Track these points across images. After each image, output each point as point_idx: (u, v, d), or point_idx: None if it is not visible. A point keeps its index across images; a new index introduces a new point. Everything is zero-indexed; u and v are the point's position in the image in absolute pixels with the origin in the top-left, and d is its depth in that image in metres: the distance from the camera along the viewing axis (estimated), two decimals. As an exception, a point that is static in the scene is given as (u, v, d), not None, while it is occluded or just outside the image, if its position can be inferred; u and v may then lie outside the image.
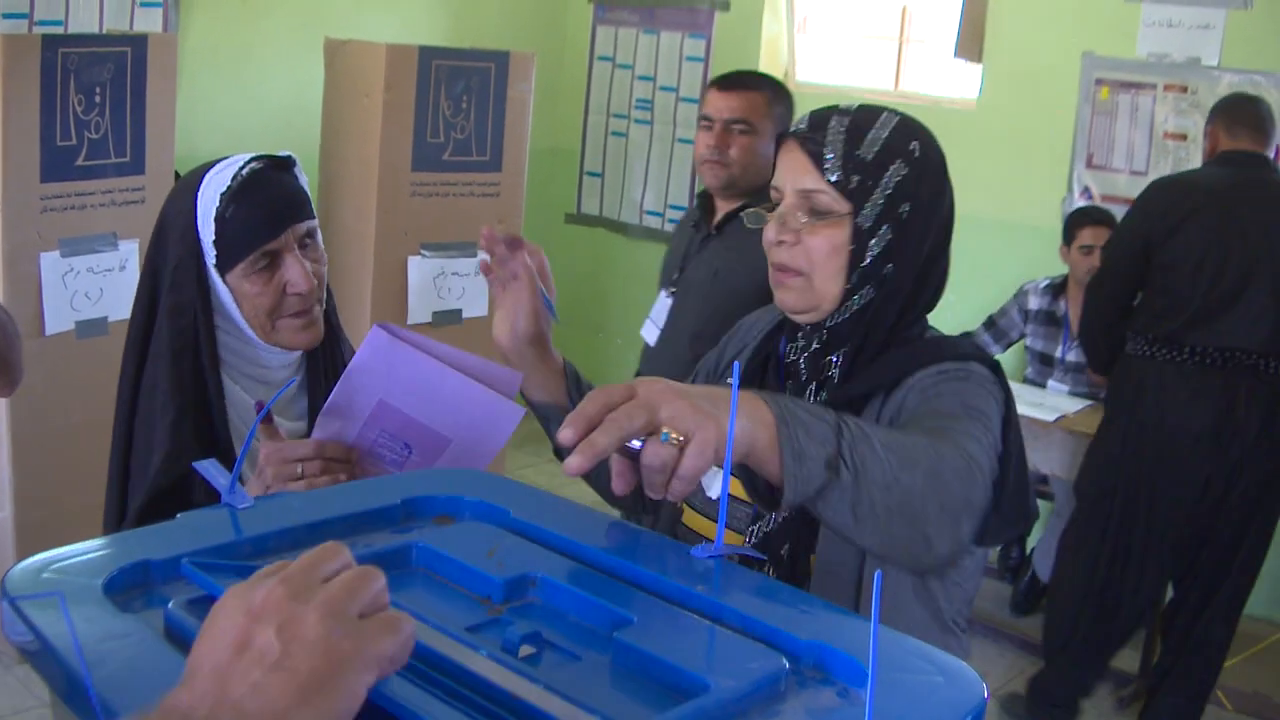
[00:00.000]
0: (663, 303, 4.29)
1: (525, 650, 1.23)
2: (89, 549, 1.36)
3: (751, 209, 2.33)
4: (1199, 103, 6.22)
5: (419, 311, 5.86)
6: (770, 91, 4.29)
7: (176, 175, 5.27)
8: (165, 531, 1.43)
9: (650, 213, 8.19)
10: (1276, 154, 5.12)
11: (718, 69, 7.70)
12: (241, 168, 2.30)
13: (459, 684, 1.13)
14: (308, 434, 2.34)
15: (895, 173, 2.12)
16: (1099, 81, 6.51)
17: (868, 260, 2.13)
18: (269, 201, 2.30)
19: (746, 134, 4.19)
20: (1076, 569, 5.29)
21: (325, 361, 2.47)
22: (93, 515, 2.44)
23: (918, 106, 7.17)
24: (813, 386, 2.22)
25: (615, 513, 2.38)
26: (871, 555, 1.98)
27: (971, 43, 6.96)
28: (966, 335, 6.11)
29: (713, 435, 1.49)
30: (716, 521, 1.85)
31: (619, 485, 1.54)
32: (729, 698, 1.13)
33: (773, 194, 2.22)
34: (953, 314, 6.67)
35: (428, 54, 5.73)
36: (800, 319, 2.22)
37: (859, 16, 7.77)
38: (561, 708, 1.12)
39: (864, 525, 1.68)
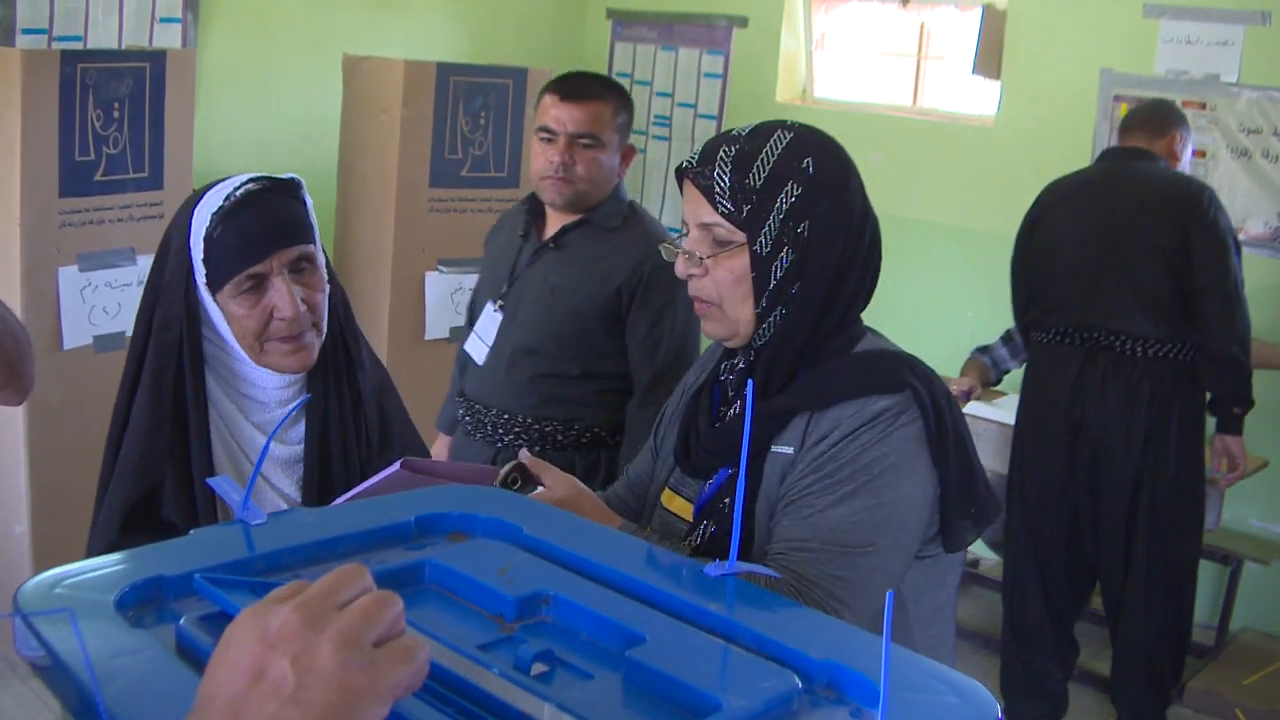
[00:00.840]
0: (490, 317, 4.05)
1: (537, 668, 1.22)
2: (102, 564, 1.36)
3: (664, 244, 2.37)
4: (1218, 119, 6.20)
5: (436, 327, 5.86)
6: (614, 100, 3.96)
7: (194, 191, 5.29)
8: (178, 548, 1.43)
9: (669, 229, 8.18)
10: (1179, 139, 5.19)
11: (736, 86, 7.71)
12: (237, 187, 2.30)
13: (471, 702, 1.13)
14: (303, 459, 2.41)
15: (788, 194, 2.15)
16: (1117, 98, 6.49)
17: (773, 284, 2.17)
18: (258, 225, 2.30)
19: (591, 148, 3.88)
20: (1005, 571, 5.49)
21: (332, 385, 2.45)
22: (111, 530, 2.44)
23: (936, 123, 7.18)
24: (735, 406, 2.29)
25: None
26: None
27: (990, 59, 6.96)
28: (984, 350, 6.07)
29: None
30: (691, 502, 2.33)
31: None
32: (741, 717, 1.13)
33: (683, 227, 2.28)
34: (970, 330, 6.67)
35: (445, 70, 5.74)
36: (727, 344, 2.32)
37: (877, 33, 7.76)
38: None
39: None
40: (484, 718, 1.11)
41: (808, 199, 2.15)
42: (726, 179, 2.16)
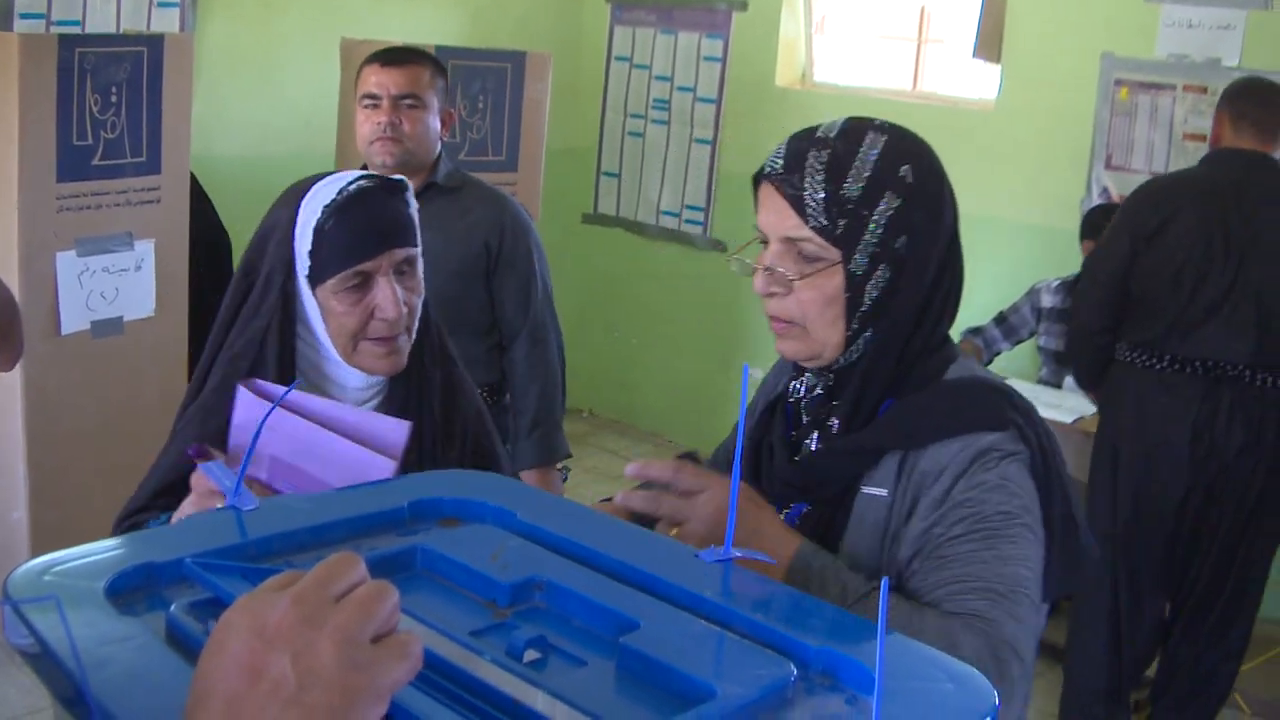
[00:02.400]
0: None
1: (530, 655, 1.22)
2: (92, 551, 1.35)
3: (735, 257, 2.17)
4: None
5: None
6: (431, 65, 4.16)
7: (192, 176, 5.28)
8: (169, 534, 1.43)
9: (667, 213, 8.18)
10: None
11: (736, 69, 7.70)
12: (350, 183, 2.27)
13: (463, 689, 1.12)
14: None
15: (887, 206, 1.96)
16: (1118, 82, 6.48)
17: (866, 305, 1.99)
18: (371, 221, 2.26)
19: (416, 108, 4.06)
20: (1091, 599, 5.06)
21: (411, 391, 2.39)
22: (108, 515, 2.42)
23: (936, 107, 7.16)
24: (815, 434, 2.10)
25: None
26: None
27: (990, 43, 6.94)
28: (975, 331, 6.04)
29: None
30: None
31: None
32: (736, 704, 1.12)
33: (757, 234, 2.08)
34: (969, 312, 6.65)
35: (445, 54, 5.71)
36: (806, 365, 2.10)
37: (877, 17, 7.75)
38: (566, 714, 1.11)
39: None
40: (477, 705, 1.10)
41: (906, 211, 1.97)
42: (820, 189, 1.95)
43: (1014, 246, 6.65)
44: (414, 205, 2.36)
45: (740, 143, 7.82)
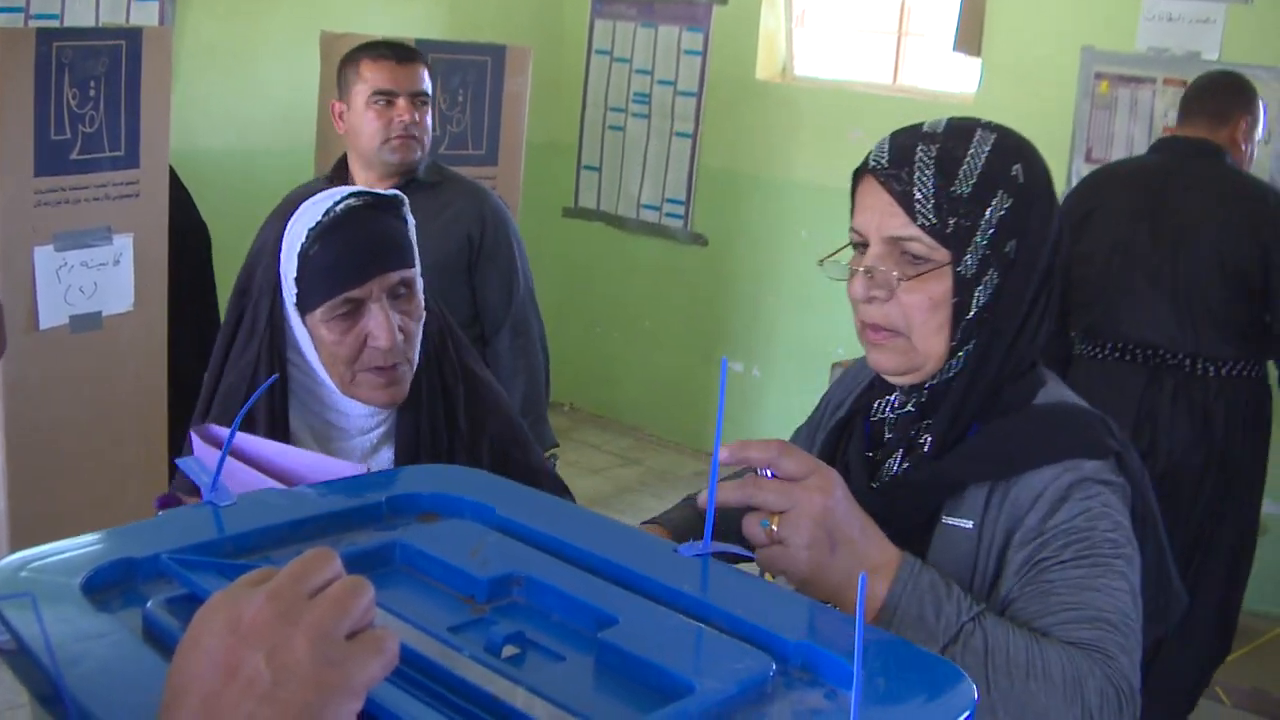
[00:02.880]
0: None
1: (508, 651, 1.21)
2: (69, 547, 1.34)
3: (830, 260, 2.01)
4: (1199, 96, 6.20)
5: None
6: (427, 61, 4.17)
7: (171, 170, 5.26)
8: (146, 529, 1.41)
9: (647, 206, 8.17)
10: (1244, 128, 4.86)
11: (716, 63, 7.69)
12: (337, 202, 2.15)
13: (441, 685, 1.11)
14: None
15: (998, 206, 1.84)
16: (1098, 75, 6.48)
17: (974, 311, 1.87)
18: (358, 244, 2.15)
19: (426, 105, 4.08)
20: None
21: (425, 419, 2.29)
22: (87, 510, 2.41)
23: (916, 101, 7.17)
24: (898, 454, 1.96)
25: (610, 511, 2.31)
26: None
27: (970, 36, 6.94)
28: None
29: (798, 564, 1.62)
30: None
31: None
32: (715, 699, 1.12)
33: (852, 236, 1.94)
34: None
35: (425, 47, 5.68)
36: (898, 381, 1.95)
37: (857, 10, 7.75)
38: (544, 710, 1.11)
39: None
40: (454, 701, 1.10)
41: (1018, 212, 1.85)
42: (929, 184, 1.83)
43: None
44: (411, 222, 2.27)
45: (721, 136, 7.82)
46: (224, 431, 1.93)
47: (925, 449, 1.92)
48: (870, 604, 1.56)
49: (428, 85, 4.09)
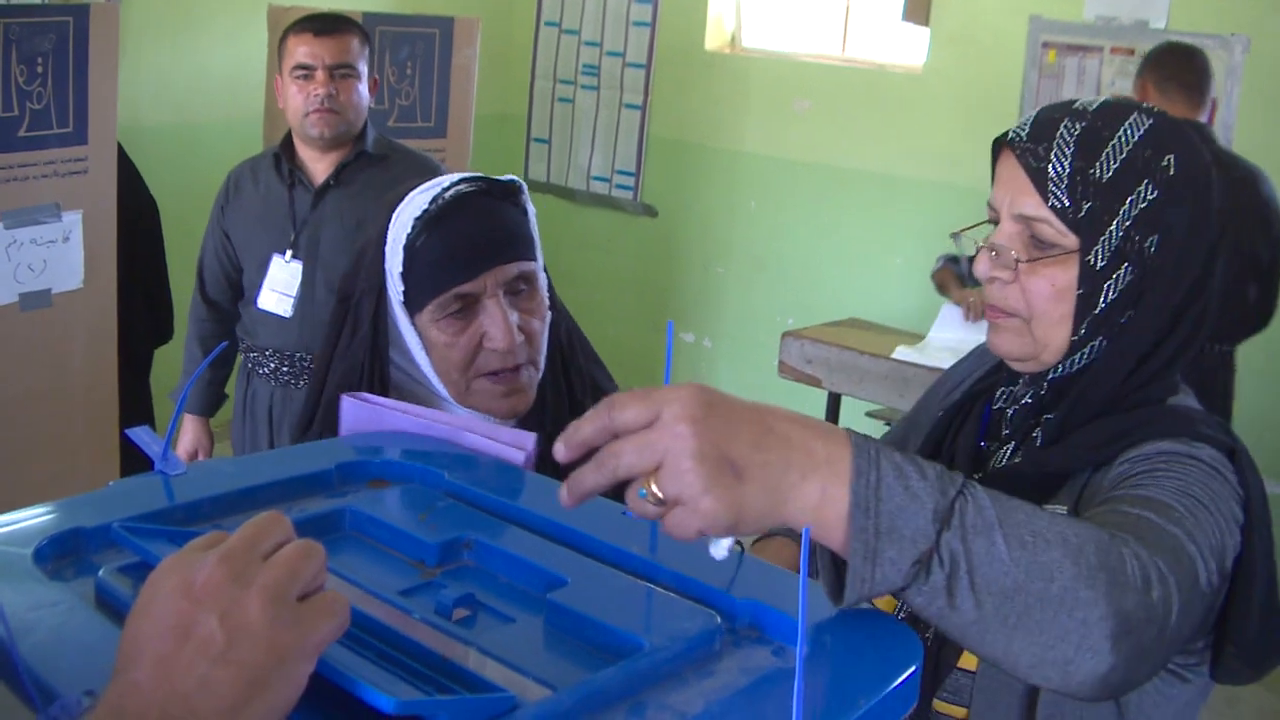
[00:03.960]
0: (285, 268, 4.12)
1: (459, 613, 1.22)
2: (20, 518, 1.35)
3: (963, 233, 1.92)
4: (1146, 65, 6.23)
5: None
6: (359, 32, 4.14)
7: (120, 147, 5.24)
8: (97, 499, 1.42)
9: (597, 178, 8.17)
10: (1212, 110, 4.98)
11: (665, 34, 7.69)
12: (447, 188, 1.96)
13: (393, 648, 1.12)
14: None
15: (1141, 197, 1.70)
16: (1046, 45, 6.51)
17: (1100, 307, 1.74)
18: (470, 233, 1.94)
19: (349, 78, 4.05)
20: None
21: (548, 427, 1.96)
22: (38, 485, 2.39)
23: (864, 71, 7.19)
24: (1011, 446, 1.85)
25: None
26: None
27: (919, 6, 6.96)
28: (954, 259, 5.94)
29: (708, 514, 1.15)
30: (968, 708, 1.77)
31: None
32: (663, 657, 1.13)
33: (988, 211, 1.84)
34: (899, 276, 6.69)
35: (372, 20, 5.70)
36: (1018, 366, 1.85)
37: (805, -19, 7.77)
38: (495, 670, 1.12)
39: (966, 635, 1.25)
40: (405, 663, 1.11)
41: (1163, 206, 1.70)
42: (1066, 163, 1.71)
43: (941, 208, 6.68)
44: (531, 211, 2.05)
45: (670, 107, 7.82)
46: (375, 398, 1.84)
47: (1037, 442, 1.82)
48: (832, 522, 1.18)
49: (355, 57, 4.06)
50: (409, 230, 1.94)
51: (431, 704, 0.99)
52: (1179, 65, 4.90)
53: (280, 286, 4.07)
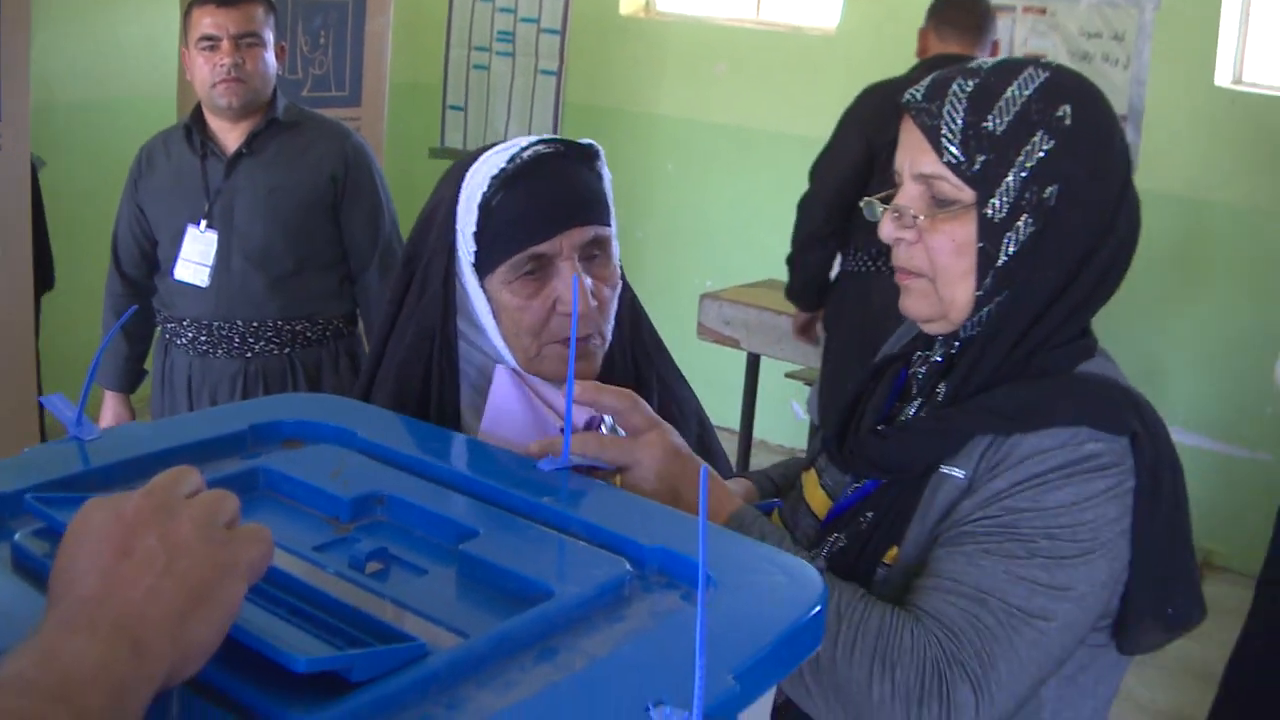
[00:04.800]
0: (200, 238, 4.10)
1: (372, 566, 1.24)
2: (-67, 487, 1.35)
3: (867, 200, 1.88)
4: (1058, 24, 6.28)
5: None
6: (263, 1, 4.11)
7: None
8: (11, 465, 1.42)
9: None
10: (994, 51, 5.13)
11: (579, 0, 7.68)
12: (525, 148, 1.90)
13: (306, 603, 1.14)
14: None
15: (1036, 147, 1.70)
16: (957, 4, 6.55)
17: (1002, 259, 1.73)
18: (549, 193, 1.88)
19: (255, 46, 4.03)
20: None
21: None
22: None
23: (778, 33, 7.21)
24: (916, 404, 1.87)
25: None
26: None
27: (830, -32, 6.99)
28: None
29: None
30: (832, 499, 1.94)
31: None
32: (573, 603, 1.15)
33: (895, 176, 1.83)
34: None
35: (283, -10, 5.68)
36: (929, 329, 1.86)
37: (718, -56, 7.78)
38: (408, 621, 1.14)
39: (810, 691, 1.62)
40: (320, 618, 1.12)
41: (1060, 156, 1.70)
42: (958, 118, 1.72)
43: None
44: (607, 176, 2.00)
45: (585, 73, 7.82)
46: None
47: (939, 397, 1.83)
48: None
49: (260, 25, 4.04)
50: (485, 189, 1.88)
51: (343, 659, 1.00)
52: (954, 9, 5.08)
53: (195, 257, 4.06)
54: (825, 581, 1.26)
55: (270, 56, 4.09)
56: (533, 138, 1.93)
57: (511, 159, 1.88)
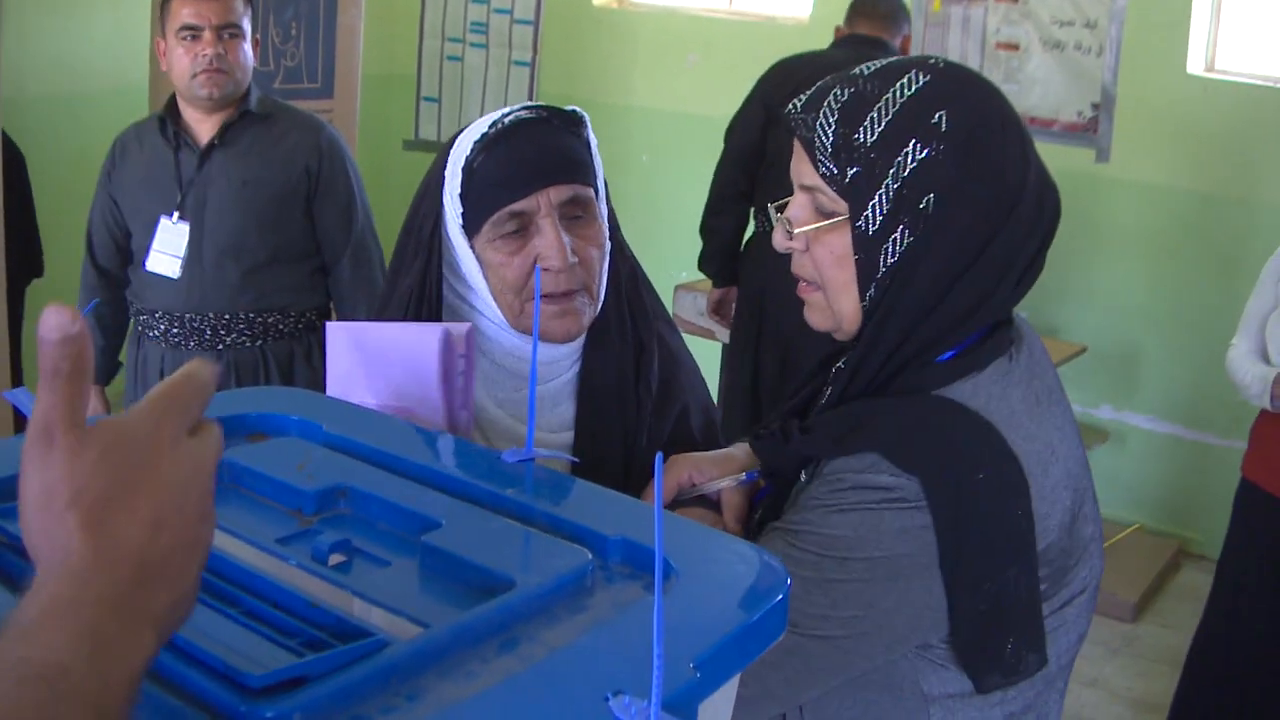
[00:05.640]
0: (172, 230, 4.09)
1: (335, 559, 1.24)
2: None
3: (773, 203, 1.86)
4: (1030, 11, 6.28)
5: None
6: None
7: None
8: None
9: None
10: (904, 45, 5.49)
11: (552, -10, 7.69)
12: (508, 114, 1.98)
13: (263, 601, 1.12)
14: (572, 446, 2.06)
15: (909, 157, 1.66)
16: (929, -6, 6.56)
17: (880, 272, 1.70)
18: (526, 154, 1.95)
19: (236, 37, 4.02)
20: None
21: (613, 365, 2.09)
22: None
23: (751, 23, 7.21)
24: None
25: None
26: None
27: (803, -42, 7.00)
28: None
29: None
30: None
31: None
32: (535, 594, 1.15)
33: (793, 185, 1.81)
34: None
35: (255, -19, 5.67)
36: (837, 336, 1.83)
37: (692, -66, 7.78)
38: (370, 613, 1.14)
39: None
40: (276, 618, 1.11)
41: (935, 164, 1.65)
42: (830, 131, 1.69)
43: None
44: (593, 142, 2.07)
45: (559, 64, 7.82)
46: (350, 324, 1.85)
47: (816, 410, 1.83)
48: None
49: (239, 16, 4.02)
50: (469, 153, 1.96)
51: (299, 667, 1.00)
52: (867, 3, 5.43)
53: (168, 248, 4.06)
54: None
55: (248, 48, 4.08)
56: (519, 105, 2.02)
57: (494, 124, 1.96)
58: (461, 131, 2.03)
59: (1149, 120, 6.26)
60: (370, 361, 1.80)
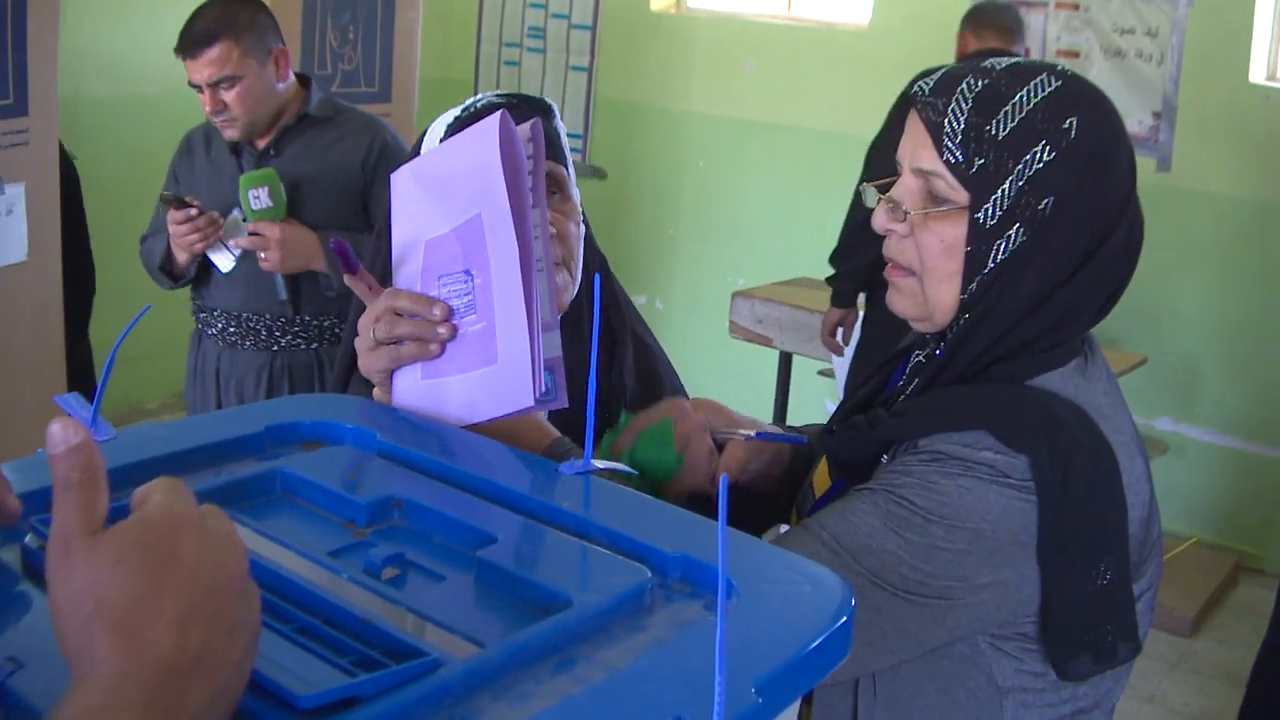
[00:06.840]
0: (235, 224, 4.14)
1: (389, 573, 1.22)
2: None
3: (865, 184, 1.84)
4: (1091, 19, 6.25)
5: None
6: (232, 34, 4.03)
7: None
8: (25, 466, 1.40)
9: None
10: (1026, 54, 5.40)
11: (609, -6, 7.69)
12: (478, 100, 2.03)
13: (315, 616, 1.10)
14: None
15: (1037, 157, 1.66)
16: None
17: (989, 267, 1.70)
18: None
19: (232, 86, 4.02)
20: None
21: (588, 346, 1.97)
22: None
23: (810, 29, 7.18)
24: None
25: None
26: None
27: (863, -36, 6.97)
28: None
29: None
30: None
31: None
32: (592, 613, 1.13)
33: (896, 165, 1.80)
34: (824, 231, 6.71)
35: (312, -16, 5.67)
36: (917, 327, 1.83)
37: (750, -60, 7.76)
38: (423, 629, 1.12)
39: None
40: (328, 635, 1.09)
41: (1060, 168, 1.66)
42: (962, 118, 1.68)
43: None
44: (562, 130, 2.10)
45: (617, 69, 7.81)
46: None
47: (903, 399, 1.82)
48: None
49: (232, 66, 4.00)
50: (441, 135, 2.02)
51: (349, 687, 0.98)
52: (989, 13, 5.40)
53: (230, 242, 4.10)
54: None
55: (259, 80, 4.06)
56: (493, 93, 2.06)
57: (465, 109, 2.02)
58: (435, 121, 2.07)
59: (1210, 129, 6.21)
60: (436, 186, 1.80)
